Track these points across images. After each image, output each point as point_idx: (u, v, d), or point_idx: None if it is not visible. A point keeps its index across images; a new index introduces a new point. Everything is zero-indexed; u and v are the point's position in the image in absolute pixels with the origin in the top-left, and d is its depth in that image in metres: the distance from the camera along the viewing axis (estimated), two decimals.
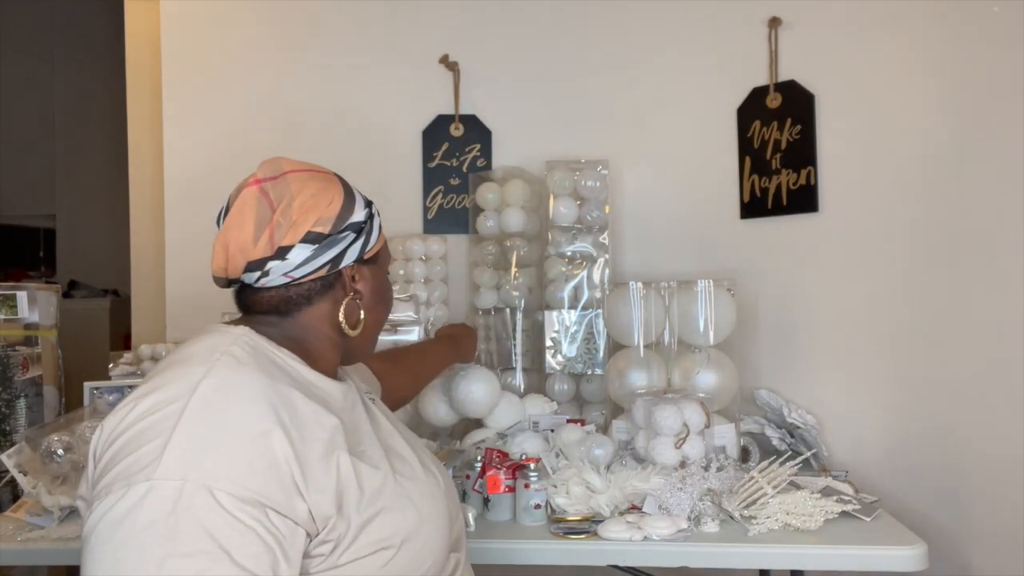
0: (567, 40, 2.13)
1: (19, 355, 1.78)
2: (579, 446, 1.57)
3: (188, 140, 2.21)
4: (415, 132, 2.17)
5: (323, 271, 0.92)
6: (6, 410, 1.75)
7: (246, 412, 0.77)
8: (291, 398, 0.82)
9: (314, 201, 0.90)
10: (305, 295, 0.93)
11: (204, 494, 0.70)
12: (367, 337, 1.01)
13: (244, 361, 0.83)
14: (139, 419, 0.76)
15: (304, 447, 0.79)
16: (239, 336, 0.87)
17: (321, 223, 0.90)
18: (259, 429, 0.76)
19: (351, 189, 0.96)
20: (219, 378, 0.79)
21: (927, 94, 1.74)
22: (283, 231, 0.88)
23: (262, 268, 0.89)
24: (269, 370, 0.84)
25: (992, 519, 1.59)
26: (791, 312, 1.93)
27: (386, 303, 1.04)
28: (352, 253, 0.93)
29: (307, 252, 0.89)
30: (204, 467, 0.72)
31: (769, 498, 1.38)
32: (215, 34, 2.22)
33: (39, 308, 1.85)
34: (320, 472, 0.79)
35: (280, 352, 0.89)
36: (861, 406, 1.82)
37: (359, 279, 0.97)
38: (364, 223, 0.95)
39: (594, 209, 1.97)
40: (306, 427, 0.81)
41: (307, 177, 0.92)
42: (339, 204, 0.92)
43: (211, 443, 0.74)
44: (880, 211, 1.81)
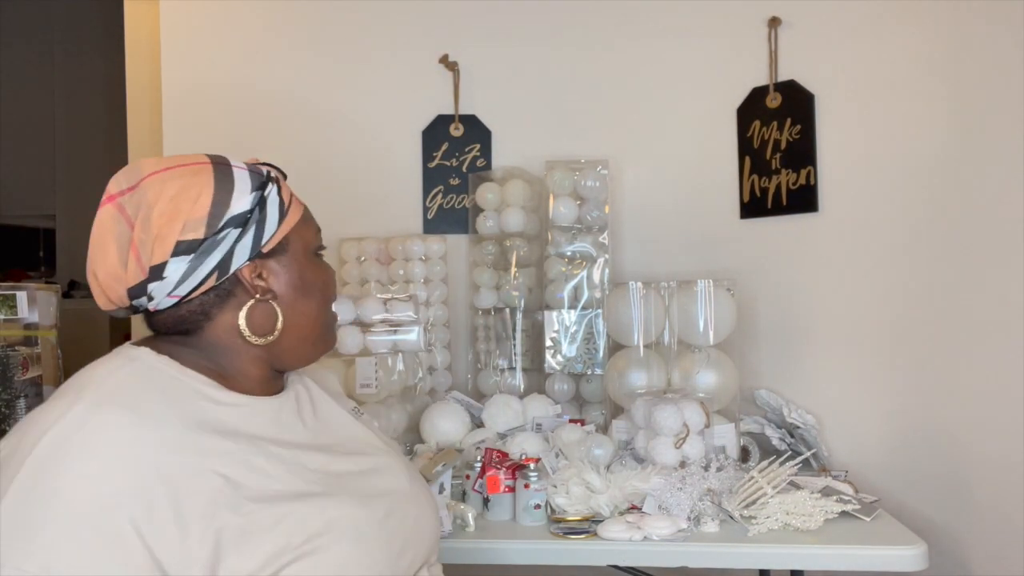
0: (567, 40, 2.13)
1: (19, 355, 1.78)
2: (579, 446, 1.57)
3: (188, 140, 2.21)
4: (415, 132, 2.17)
5: (212, 280, 0.80)
6: (6, 410, 1.75)
7: (89, 477, 0.66)
8: (167, 445, 0.71)
9: (175, 204, 0.78)
10: (200, 311, 0.82)
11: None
12: (302, 336, 0.88)
13: (114, 398, 0.73)
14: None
15: (170, 511, 0.68)
16: (128, 362, 0.78)
17: (191, 227, 0.78)
18: (101, 500, 0.66)
19: (228, 174, 0.82)
20: (68, 426, 0.69)
21: (927, 94, 1.74)
22: (148, 248, 0.77)
23: (145, 292, 0.79)
24: (149, 405, 0.74)
25: (992, 519, 1.59)
26: (791, 312, 1.93)
27: (316, 291, 0.89)
28: (243, 251, 0.81)
29: (184, 265, 0.78)
30: (21, 554, 0.63)
31: (769, 498, 1.38)
32: (215, 34, 2.22)
33: (39, 308, 1.85)
34: (193, 538, 0.68)
35: (184, 375, 0.79)
36: (861, 406, 1.82)
37: (267, 276, 0.84)
38: (250, 212, 0.81)
39: (594, 209, 1.97)
40: (179, 483, 0.70)
41: (166, 177, 0.79)
42: (208, 199, 0.79)
43: (41, 522, 0.64)
44: (880, 211, 1.81)
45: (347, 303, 1.78)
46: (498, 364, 2.01)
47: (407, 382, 1.80)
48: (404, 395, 1.80)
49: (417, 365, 1.84)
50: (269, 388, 0.88)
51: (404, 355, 1.80)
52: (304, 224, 0.89)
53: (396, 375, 1.77)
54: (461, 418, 1.79)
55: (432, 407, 1.81)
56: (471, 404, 1.87)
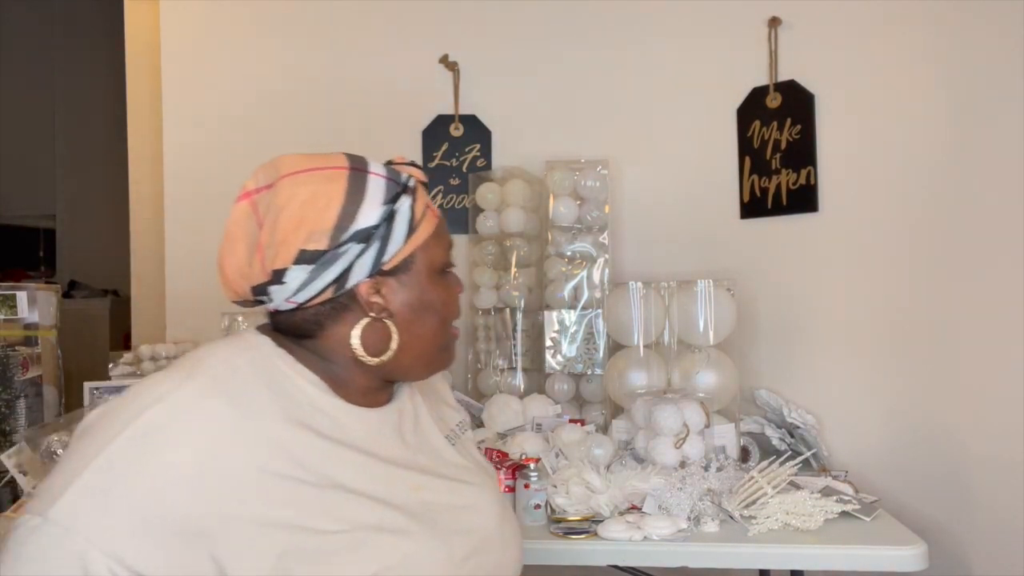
0: (567, 40, 2.13)
1: (19, 355, 1.78)
2: (579, 446, 1.57)
3: (188, 140, 2.21)
4: (415, 132, 2.17)
5: (328, 293, 0.78)
6: (6, 410, 1.75)
7: (167, 465, 0.67)
8: (261, 442, 0.71)
9: (303, 212, 0.76)
10: (314, 320, 0.80)
11: (78, 555, 0.63)
12: (416, 355, 0.84)
13: (217, 386, 0.73)
14: (88, 429, 0.70)
15: (247, 511, 0.68)
16: (245, 350, 0.78)
17: (315, 238, 0.75)
18: (182, 491, 0.66)
19: (362, 183, 0.78)
20: (169, 410, 0.69)
21: (927, 94, 1.74)
22: (272, 252, 0.76)
23: (265, 292, 0.78)
24: (254, 397, 0.74)
25: (992, 519, 1.59)
26: (791, 312, 1.93)
27: (436, 311, 0.84)
28: (362, 268, 0.78)
29: (303, 274, 0.76)
30: (94, 523, 0.64)
31: (769, 498, 1.38)
32: (215, 34, 2.22)
33: (39, 308, 1.85)
34: (262, 543, 0.68)
35: (296, 371, 0.79)
36: (861, 406, 1.82)
37: (386, 294, 0.81)
38: (376, 227, 0.77)
39: (594, 209, 1.97)
40: (263, 483, 0.70)
41: (302, 180, 0.77)
42: (336, 210, 0.76)
43: (115, 496, 0.65)
44: (880, 211, 1.81)
45: None
46: (498, 364, 2.01)
47: None
48: None
49: None
50: (376, 399, 0.85)
51: None
52: (434, 240, 0.84)
53: None
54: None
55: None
56: (471, 404, 1.87)
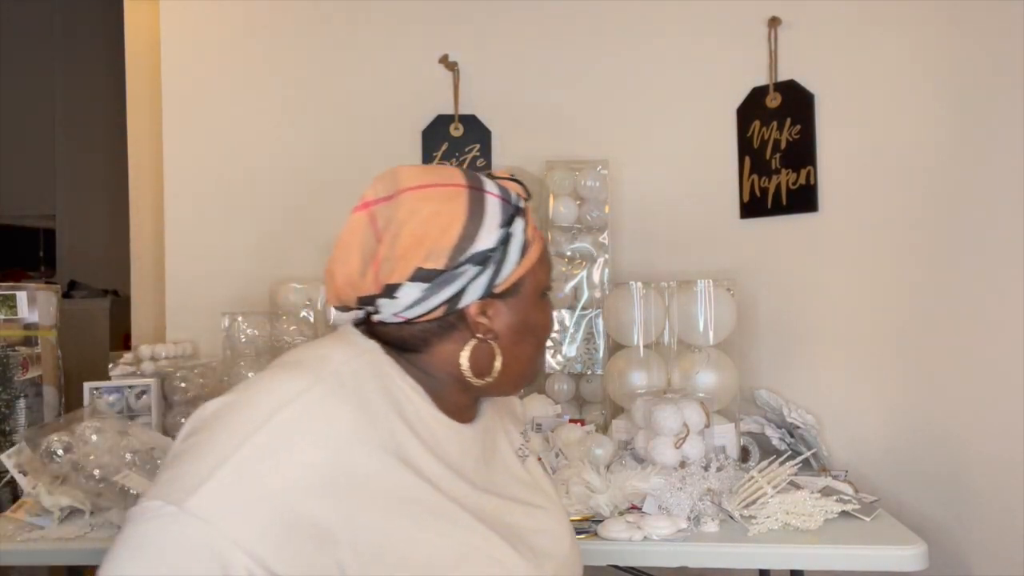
0: (567, 40, 2.13)
1: (19, 355, 1.78)
2: (579, 446, 1.57)
3: (188, 140, 2.21)
4: (415, 132, 2.17)
5: (439, 312, 0.78)
6: (6, 410, 1.75)
7: (303, 465, 0.68)
8: (382, 447, 0.72)
9: (424, 230, 0.76)
10: (421, 337, 0.80)
11: (214, 548, 0.64)
12: (511, 375, 0.84)
13: (346, 388, 0.74)
14: (215, 420, 0.71)
15: (366, 517, 0.70)
16: (361, 353, 0.79)
17: (433, 257, 0.75)
18: (306, 489, 0.67)
19: (481, 203, 0.78)
20: (304, 408, 0.71)
21: (927, 94, 1.74)
22: (389, 267, 0.76)
23: (373, 304, 0.79)
24: (377, 405, 0.75)
25: (992, 519, 1.59)
26: (791, 312, 1.93)
27: (536, 334, 0.86)
28: (475, 289, 0.78)
29: (417, 292, 0.76)
30: (232, 519, 0.65)
31: (769, 498, 1.38)
32: (215, 34, 2.22)
33: (39, 308, 1.85)
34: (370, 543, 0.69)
35: (405, 382, 0.79)
36: (861, 406, 1.82)
37: (492, 315, 0.81)
38: (493, 250, 0.77)
39: (594, 209, 1.97)
40: (378, 485, 0.71)
41: (423, 196, 0.77)
42: (457, 231, 0.76)
43: (253, 492, 0.66)
44: (880, 211, 1.81)
45: None
46: None
47: None
48: None
49: None
50: (467, 415, 0.86)
51: None
52: (540, 264, 0.84)
53: None
54: None
55: None
56: None
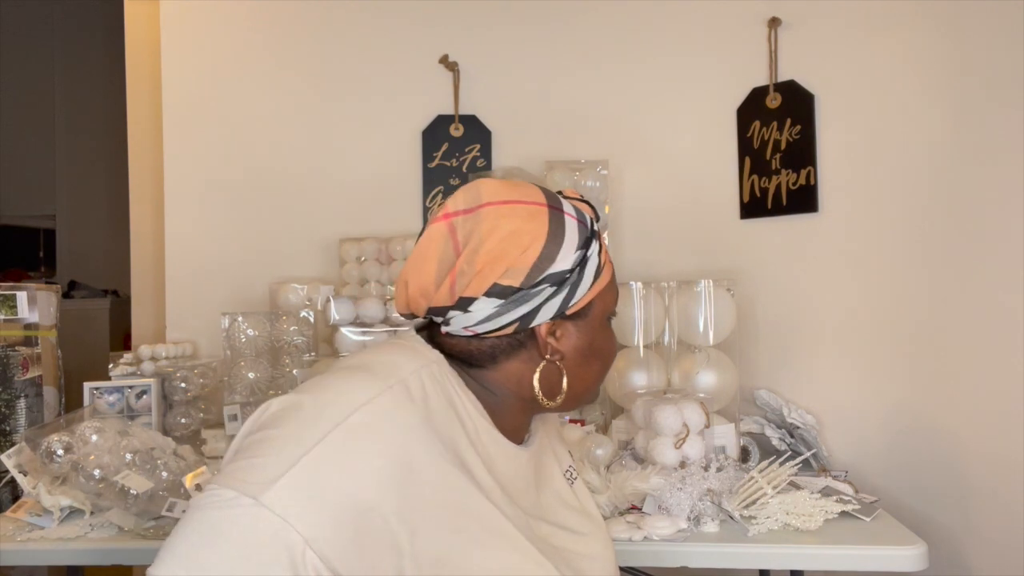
0: (567, 40, 2.13)
1: (19, 355, 1.78)
2: (579, 446, 1.57)
3: (188, 140, 2.21)
4: (415, 132, 2.17)
5: (510, 329, 0.78)
6: (6, 410, 1.75)
7: (376, 469, 0.68)
8: (443, 457, 0.72)
9: (504, 246, 0.76)
10: (489, 353, 0.81)
11: (287, 544, 0.64)
12: (575, 396, 0.85)
13: (414, 397, 0.73)
14: (286, 418, 0.70)
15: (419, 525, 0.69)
16: (428, 363, 0.78)
17: (511, 274, 0.76)
18: (377, 491, 0.67)
19: (561, 224, 0.78)
20: (376, 413, 0.70)
21: (927, 94, 1.74)
22: (466, 280, 0.76)
23: (443, 315, 0.79)
24: (441, 415, 0.74)
25: (992, 519, 1.59)
26: (791, 312, 1.93)
27: (602, 357, 0.85)
28: (549, 310, 0.78)
29: (491, 307, 0.76)
30: (306, 516, 0.65)
31: (769, 498, 1.38)
32: (215, 34, 2.23)
33: (39, 308, 1.85)
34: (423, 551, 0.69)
35: (466, 396, 0.79)
36: (861, 406, 1.82)
37: (561, 336, 0.81)
38: (570, 272, 0.78)
39: None
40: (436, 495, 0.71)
41: (505, 212, 0.77)
42: (537, 251, 0.76)
43: (328, 492, 0.66)
44: (880, 211, 1.81)
45: (347, 303, 1.78)
46: None
47: None
48: None
49: None
50: (521, 435, 0.86)
51: None
52: (608, 288, 0.85)
53: None
54: None
55: None
56: None
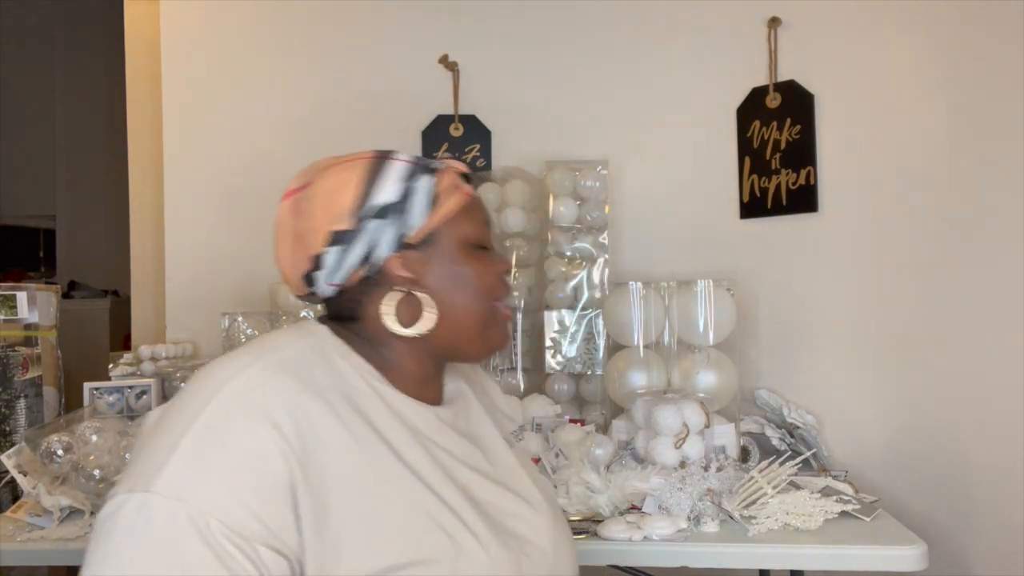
0: (567, 40, 2.13)
1: (19, 355, 1.78)
2: (579, 446, 1.57)
3: (188, 140, 2.21)
4: (415, 132, 2.17)
5: (363, 271, 0.83)
6: (6, 410, 1.75)
7: (255, 428, 0.70)
8: (328, 416, 0.74)
9: (329, 196, 0.82)
10: (356, 299, 0.85)
11: (193, 523, 0.66)
12: (455, 328, 0.86)
13: (288, 364, 0.76)
14: (163, 417, 0.73)
15: (318, 478, 0.71)
16: (305, 336, 0.82)
17: (340, 219, 0.81)
18: (261, 450, 0.70)
19: (381, 165, 0.83)
20: (246, 382, 0.73)
21: (927, 94, 1.74)
22: (310, 239, 0.83)
23: (312, 281, 0.84)
24: (319, 378, 0.77)
25: (992, 519, 1.59)
26: (791, 312, 1.93)
27: (469, 285, 0.86)
28: (386, 242, 0.83)
29: (336, 256, 0.82)
30: (199, 489, 0.67)
31: (769, 498, 1.38)
32: (215, 34, 2.22)
33: (39, 308, 1.85)
34: (331, 511, 0.71)
35: (351, 359, 0.82)
36: (861, 406, 1.82)
37: (413, 267, 0.84)
38: (394, 203, 0.82)
39: (594, 209, 1.97)
40: (332, 453, 0.73)
41: (329, 173, 0.84)
42: (354, 191, 0.82)
43: (213, 462, 0.68)
44: (880, 211, 1.81)
45: None
46: (498, 364, 2.01)
47: None
48: None
49: None
50: (429, 391, 0.88)
51: None
52: (463, 216, 0.87)
53: None
54: None
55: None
56: None
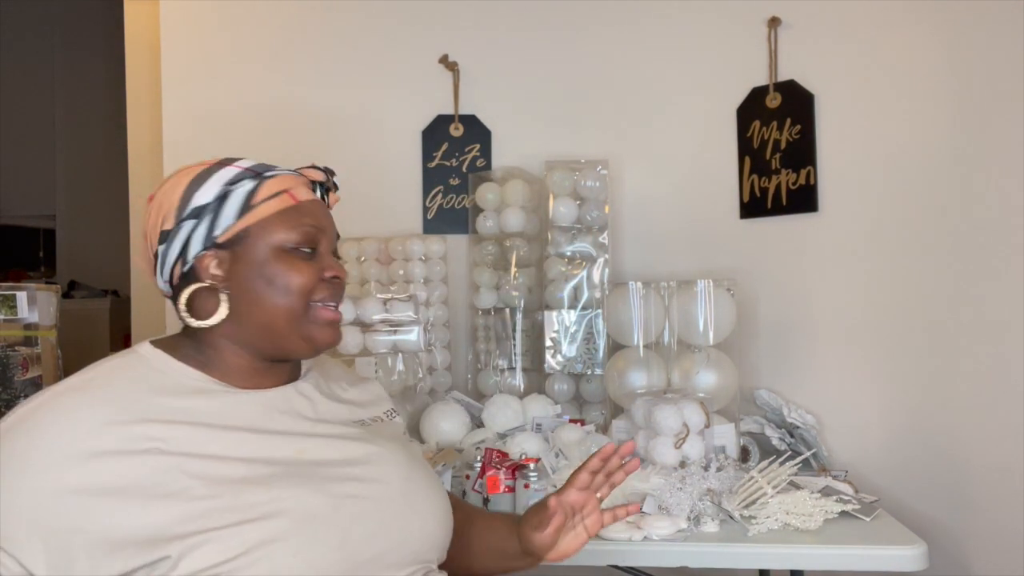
0: (567, 40, 2.13)
1: (19, 355, 1.78)
2: (579, 446, 1.57)
3: (188, 140, 2.21)
4: (415, 132, 2.17)
5: (179, 268, 0.89)
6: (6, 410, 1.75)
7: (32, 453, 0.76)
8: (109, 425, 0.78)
9: (161, 200, 0.90)
10: (176, 297, 0.90)
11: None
12: (262, 325, 0.89)
13: (79, 386, 0.82)
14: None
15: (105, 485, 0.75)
16: (121, 356, 0.88)
17: (166, 219, 0.88)
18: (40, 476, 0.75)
19: (212, 171, 0.90)
20: (32, 409, 0.79)
21: (927, 94, 1.74)
22: (151, 238, 0.91)
23: (156, 278, 0.92)
24: (109, 393, 0.81)
25: (992, 519, 1.59)
26: (791, 312, 1.93)
27: (277, 285, 0.89)
28: (197, 239, 0.88)
29: (163, 253, 0.89)
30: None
31: (769, 498, 1.38)
32: (215, 34, 2.22)
33: (39, 308, 1.85)
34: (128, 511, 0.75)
35: (168, 366, 0.87)
36: (861, 406, 1.82)
37: (221, 265, 0.89)
38: (209, 204, 0.88)
39: (594, 209, 1.97)
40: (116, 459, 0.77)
41: (173, 178, 0.91)
42: (179, 193, 0.88)
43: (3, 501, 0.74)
44: (880, 211, 1.81)
45: (346, 303, 1.78)
46: (498, 364, 2.01)
47: (407, 382, 1.80)
48: (404, 395, 1.80)
49: (417, 365, 1.85)
50: (261, 381, 0.92)
51: (404, 355, 1.80)
52: (278, 220, 0.90)
53: (396, 375, 1.77)
54: (461, 418, 1.79)
55: (432, 407, 1.80)
56: (471, 404, 1.88)
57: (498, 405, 1.78)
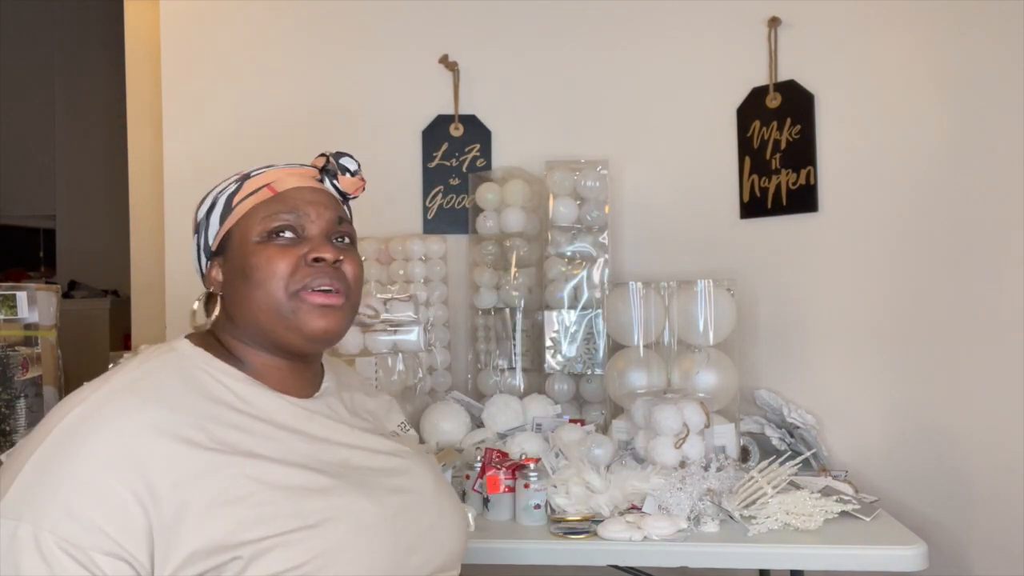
0: (567, 40, 2.13)
1: (19, 355, 1.78)
2: (579, 446, 1.57)
3: (188, 140, 2.21)
4: (415, 132, 2.17)
5: (200, 274, 0.98)
6: (6, 410, 1.75)
7: (98, 454, 0.74)
8: (172, 428, 0.77)
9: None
10: None
11: (32, 538, 0.70)
12: (253, 318, 0.89)
13: (133, 386, 0.80)
14: (27, 437, 0.79)
15: (167, 486, 0.74)
16: (162, 352, 0.87)
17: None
18: (108, 472, 0.73)
19: (213, 189, 0.97)
20: (91, 407, 0.77)
21: (927, 94, 1.74)
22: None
23: None
24: (166, 393, 0.81)
25: (992, 519, 1.59)
26: (791, 312, 1.93)
27: (257, 275, 0.88)
28: (201, 252, 0.97)
29: (195, 266, 0.99)
30: (39, 508, 0.71)
31: (769, 498, 1.38)
32: (215, 34, 2.22)
33: (39, 308, 1.85)
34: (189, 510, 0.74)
35: (211, 365, 0.87)
36: (861, 406, 1.82)
37: (218, 270, 0.94)
38: (203, 216, 0.96)
39: (594, 209, 1.97)
40: (179, 462, 0.76)
41: None
42: (200, 211, 0.97)
43: (52, 484, 0.72)
44: (880, 211, 1.81)
45: None
46: (498, 364, 2.01)
47: (407, 382, 1.80)
48: (404, 395, 1.80)
49: (417, 365, 1.85)
50: (294, 386, 0.92)
51: (404, 355, 1.80)
52: (254, 214, 0.91)
53: (396, 375, 1.77)
54: (461, 418, 1.79)
55: (432, 407, 1.80)
56: (471, 404, 1.87)
57: (498, 405, 1.78)
